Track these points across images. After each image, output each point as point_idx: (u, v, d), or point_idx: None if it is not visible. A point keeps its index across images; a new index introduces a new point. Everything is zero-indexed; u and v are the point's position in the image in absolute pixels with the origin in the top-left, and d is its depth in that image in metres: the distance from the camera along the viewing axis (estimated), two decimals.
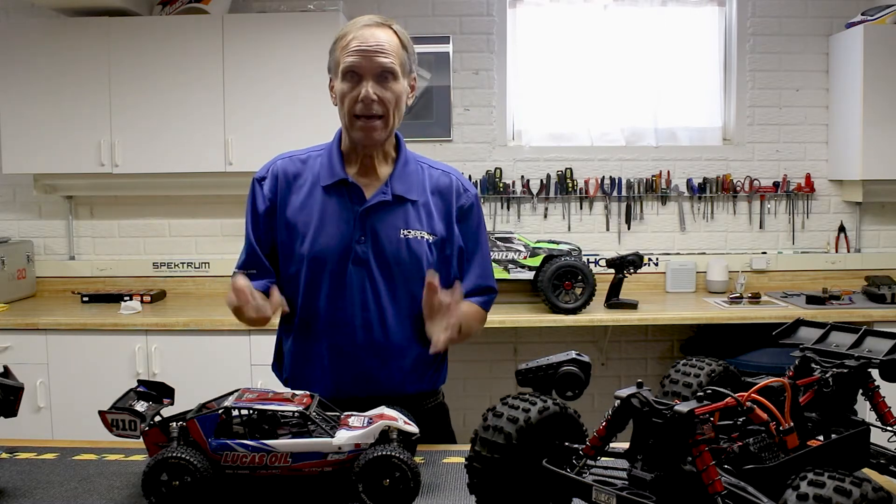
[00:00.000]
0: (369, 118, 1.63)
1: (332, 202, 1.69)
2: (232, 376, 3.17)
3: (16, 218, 3.99)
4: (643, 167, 3.95)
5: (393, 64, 1.62)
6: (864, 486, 0.81)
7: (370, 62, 1.60)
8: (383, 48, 1.61)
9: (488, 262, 1.83)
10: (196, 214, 3.94)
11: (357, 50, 1.60)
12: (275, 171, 1.74)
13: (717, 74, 3.96)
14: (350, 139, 1.70)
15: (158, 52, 3.51)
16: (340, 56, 1.63)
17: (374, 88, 1.60)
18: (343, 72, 1.62)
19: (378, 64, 1.60)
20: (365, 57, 1.60)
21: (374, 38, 1.61)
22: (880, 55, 3.54)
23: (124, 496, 1.31)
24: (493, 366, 3.95)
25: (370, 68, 1.60)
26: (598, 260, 3.87)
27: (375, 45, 1.60)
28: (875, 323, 3.27)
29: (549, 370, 1.35)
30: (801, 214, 3.97)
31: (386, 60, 1.61)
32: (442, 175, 1.77)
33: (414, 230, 1.69)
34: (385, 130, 1.66)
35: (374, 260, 1.67)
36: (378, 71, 1.61)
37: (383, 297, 1.68)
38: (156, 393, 1.41)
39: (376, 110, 1.62)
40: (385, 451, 1.21)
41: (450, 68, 3.87)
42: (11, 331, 3.31)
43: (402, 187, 1.70)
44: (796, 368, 1.25)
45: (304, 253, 1.68)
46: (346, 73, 1.62)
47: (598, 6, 3.89)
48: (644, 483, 1.01)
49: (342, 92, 1.63)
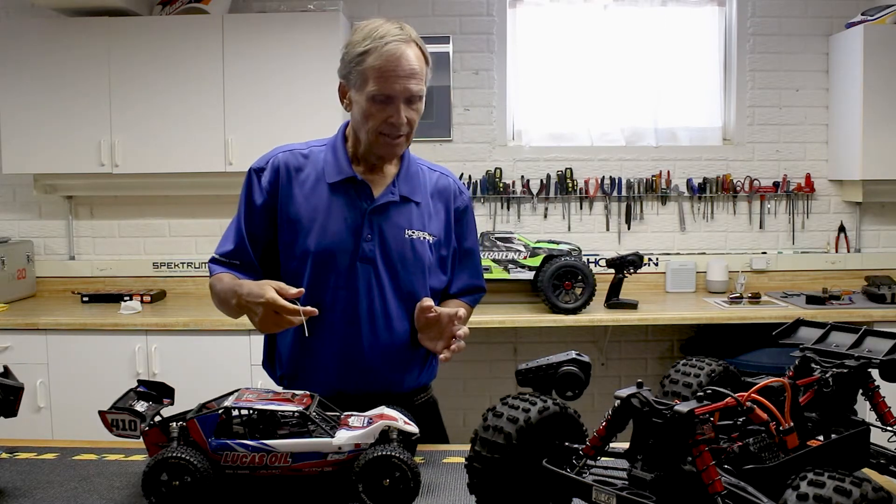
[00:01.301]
0: (395, 137, 1.64)
1: (339, 199, 1.68)
2: (232, 376, 3.17)
3: (16, 218, 3.99)
4: (643, 167, 3.95)
5: (423, 88, 1.64)
6: (864, 486, 0.81)
7: (405, 89, 1.60)
8: (415, 73, 1.60)
9: (479, 263, 1.90)
10: (196, 214, 3.95)
11: (390, 75, 1.58)
12: (275, 163, 1.71)
13: (717, 74, 3.96)
14: (366, 148, 1.69)
15: (158, 52, 3.52)
16: (369, 75, 1.59)
17: (405, 112, 1.61)
18: (373, 94, 1.60)
19: (412, 91, 1.61)
20: (401, 84, 1.59)
21: (408, 62, 1.59)
22: (880, 55, 3.53)
23: (124, 496, 1.31)
24: (493, 366, 3.95)
25: (404, 94, 1.60)
26: (598, 260, 3.87)
27: (409, 70, 1.59)
28: (875, 323, 3.27)
29: (549, 370, 1.35)
30: (801, 214, 3.97)
31: (418, 86, 1.61)
32: (441, 177, 1.80)
33: (417, 231, 1.71)
34: (406, 145, 1.70)
35: (381, 258, 1.68)
36: (409, 95, 1.61)
37: (388, 295, 1.69)
38: (156, 393, 1.41)
39: (404, 131, 1.64)
40: (385, 451, 1.21)
41: (450, 68, 3.87)
42: (11, 331, 3.31)
43: (408, 188, 1.72)
44: (796, 368, 1.25)
45: (309, 248, 1.67)
46: (377, 96, 1.60)
47: (598, 6, 3.89)
48: (644, 483, 1.01)
49: (369, 111, 1.62)
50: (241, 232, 1.71)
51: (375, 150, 1.67)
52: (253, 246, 1.71)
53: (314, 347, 1.70)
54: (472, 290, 1.87)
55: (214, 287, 1.71)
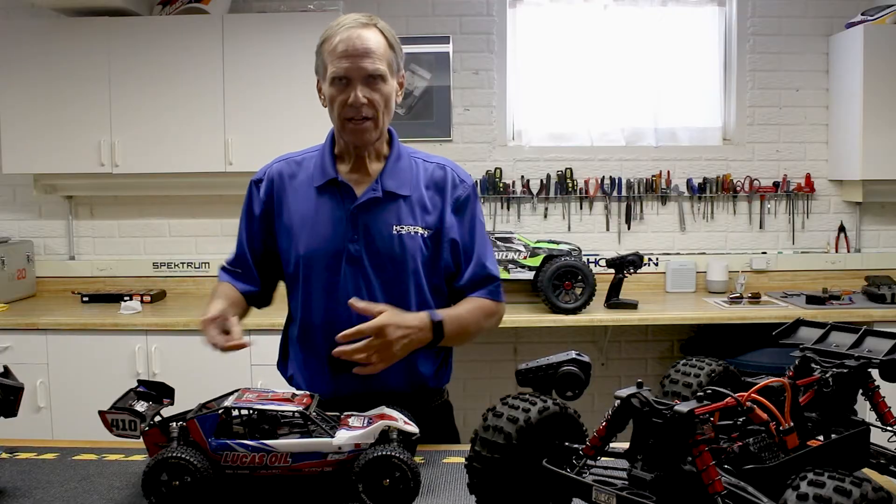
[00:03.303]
0: (359, 121, 1.64)
1: (325, 202, 1.70)
2: (232, 376, 3.16)
3: (16, 218, 3.99)
4: (643, 167, 3.95)
5: (381, 67, 1.62)
6: (864, 486, 0.81)
7: (359, 67, 1.60)
8: (371, 51, 1.61)
9: (488, 251, 1.79)
10: (196, 214, 3.94)
11: (345, 55, 1.60)
12: (271, 174, 1.75)
13: (717, 74, 3.96)
14: (342, 140, 1.71)
15: (158, 52, 3.51)
16: (328, 60, 1.63)
17: (363, 92, 1.61)
18: (332, 77, 1.62)
19: (366, 69, 1.60)
20: (353, 62, 1.60)
21: (362, 42, 1.60)
22: (880, 55, 3.53)
23: (124, 496, 1.31)
24: (493, 366, 3.95)
25: (359, 73, 1.60)
26: (598, 260, 3.87)
27: (363, 49, 1.60)
28: (875, 323, 3.27)
29: (549, 370, 1.35)
30: (801, 214, 3.96)
31: (374, 66, 1.61)
32: (436, 168, 1.77)
33: (407, 225, 1.69)
34: (375, 131, 1.67)
35: (368, 258, 1.68)
36: (366, 75, 1.61)
37: (378, 295, 1.68)
38: (156, 393, 1.41)
39: (366, 113, 1.63)
40: (385, 451, 1.21)
41: (450, 68, 3.87)
42: (11, 331, 3.31)
43: (393, 183, 1.70)
44: (796, 368, 1.25)
45: (300, 253, 1.69)
46: (334, 78, 1.62)
47: (598, 6, 3.89)
48: (644, 483, 1.01)
49: (331, 96, 1.64)
50: (241, 243, 1.78)
51: (346, 139, 1.68)
52: (253, 256, 1.76)
53: (312, 351, 1.72)
54: (483, 281, 1.76)
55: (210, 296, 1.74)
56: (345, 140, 1.70)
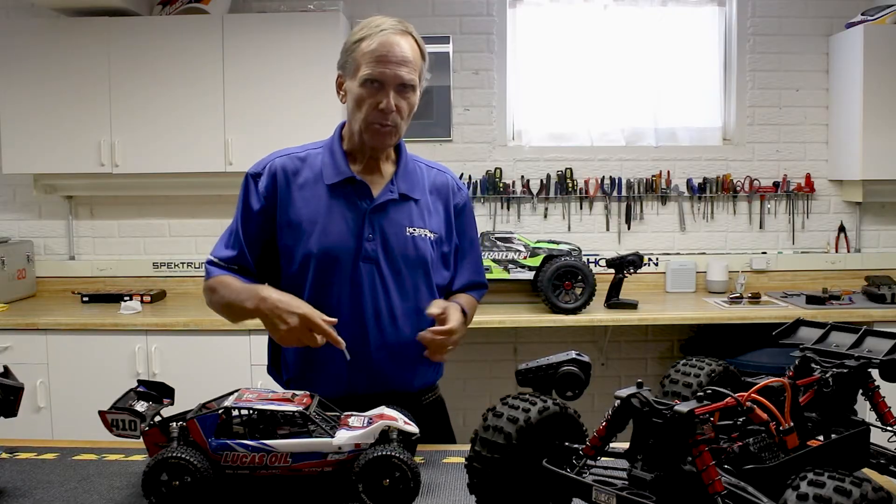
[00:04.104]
0: (386, 126, 1.65)
1: (339, 200, 1.69)
2: (232, 376, 3.17)
3: (16, 218, 3.99)
4: (643, 167, 3.95)
5: (415, 78, 1.64)
6: (864, 486, 0.81)
7: (395, 75, 1.61)
8: (408, 61, 1.62)
9: (480, 259, 1.91)
10: (196, 214, 3.95)
11: (384, 59, 1.60)
12: (272, 168, 1.72)
13: (717, 74, 3.96)
14: (359, 140, 1.70)
15: (158, 52, 3.51)
16: (362, 60, 1.62)
17: (394, 99, 1.62)
18: (365, 78, 1.62)
19: (402, 77, 1.62)
20: (391, 68, 1.61)
21: (401, 49, 1.62)
22: (880, 55, 3.53)
23: (124, 496, 1.31)
24: (493, 366, 3.95)
25: (394, 80, 1.62)
26: (598, 260, 3.87)
27: (402, 56, 1.61)
28: (875, 323, 3.27)
29: (549, 370, 1.35)
30: (801, 214, 3.97)
31: (409, 75, 1.63)
32: (438, 174, 1.81)
33: (418, 228, 1.72)
34: (397, 137, 1.70)
35: (383, 257, 1.68)
36: (401, 83, 1.62)
37: (392, 294, 1.69)
38: (156, 393, 1.41)
39: (393, 120, 1.64)
40: (385, 451, 1.21)
41: (450, 68, 3.87)
42: (11, 331, 3.31)
43: (406, 186, 1.73)
44: (796, 368, 1.25)
45: (311, 251, 1.67)
46: (367, 80, 1.62)
47: (598, 6, 3.89)
48: (644, 483, 1.01)
49: (360, 97, 1.64)
50: (238, 238, 1.71)
51: (366, 141, 1.68)
52: (251, 251, 1.72)
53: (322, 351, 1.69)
54: (475, 286, 1.87)
55: (216, 288, 1.68)
56: (366, 143, 1.69)
